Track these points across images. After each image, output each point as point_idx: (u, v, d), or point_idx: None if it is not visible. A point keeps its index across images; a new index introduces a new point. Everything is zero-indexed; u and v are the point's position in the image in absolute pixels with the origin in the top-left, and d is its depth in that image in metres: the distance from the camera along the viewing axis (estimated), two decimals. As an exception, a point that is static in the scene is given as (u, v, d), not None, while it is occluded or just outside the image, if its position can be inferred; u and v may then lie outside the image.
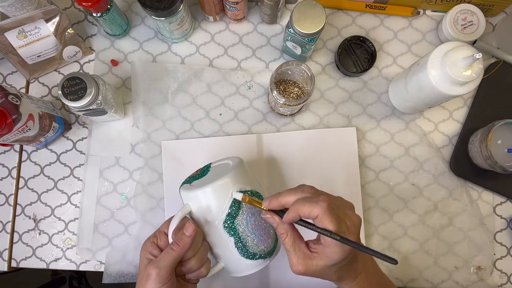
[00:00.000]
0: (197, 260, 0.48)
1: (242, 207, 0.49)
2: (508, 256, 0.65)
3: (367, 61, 0.67)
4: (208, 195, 0.48)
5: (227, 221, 0.48)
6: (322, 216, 0.40)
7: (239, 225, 0.49)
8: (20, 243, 0.65)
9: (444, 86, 0.52)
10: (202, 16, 0.69)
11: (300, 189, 0.45)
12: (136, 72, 0.68)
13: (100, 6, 0.58)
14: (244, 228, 0.49)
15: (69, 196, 0.66)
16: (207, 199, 0.48)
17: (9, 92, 0.54)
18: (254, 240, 0.49)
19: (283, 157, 0.65)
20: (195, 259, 0.48)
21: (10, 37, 0.61)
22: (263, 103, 0.68)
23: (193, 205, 0.49)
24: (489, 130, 0.60)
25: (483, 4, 0.65)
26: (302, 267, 0.43)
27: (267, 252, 0.50)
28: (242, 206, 0.49)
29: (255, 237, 0.49)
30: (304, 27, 0.56)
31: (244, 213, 0.49)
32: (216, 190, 0.48)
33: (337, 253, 0.41)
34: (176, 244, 0.46)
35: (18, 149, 0.67)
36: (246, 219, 0.49)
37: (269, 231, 0.51)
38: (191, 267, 0.48)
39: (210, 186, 0.48)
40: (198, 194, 0.49)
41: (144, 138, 0.67)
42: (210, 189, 0.48)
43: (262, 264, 0.51)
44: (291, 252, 0.43)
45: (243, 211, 0.49)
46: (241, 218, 0.49)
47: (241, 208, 0.49)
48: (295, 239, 0.44)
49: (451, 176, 0.66)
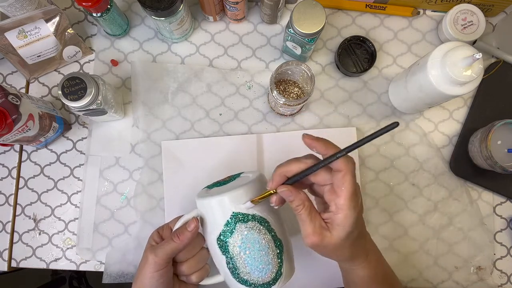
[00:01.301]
0: (189, 266, 0.50)
1: (237, 228, 0.46)
2: (508, 256, 0.65)
3: (367, 61, 0.67)
4: (210, 207, 0.48)
5: (220, 238, 0.47)
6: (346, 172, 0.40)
7: (232, 246, 0.47)
8: (20, 243, 0.65)
9: (444, 86, 0.52)
10: (202, 16, 0.69)
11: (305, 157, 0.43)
12: (136, 72, 0.68)
13: (100, 6, 0.58)
14: (237, 250, 0.47)
15: (69, 196, 0.66)
16: (210, 211, 0.48)
17: (9, 92, 0.54)
18: (246, 266, 0.47)
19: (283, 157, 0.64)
20: (186, 264, 0.50)
21: (10, 37, 0.61)
22: (263, 103, 0.68)
23: (200, 211, 0.49)
24: (489, 130, 0.60)
25: (483, 4, 0.65)
26: (317, 237, 0.41)
27: (261, 284, 0.47)
28: (238, 228, 0.46)
29: (247, 264, 0.47)
30: (304, 27, 0.56)
31: (240, 234, 0.46)
32: (216, 204, 0.47)
33: (349, 217, 0.40)
34: (176, 236, 0.48)
35: (18, 149, 0.67)
36: (240, 241, 0.46)
37: (267, 265, 0.47)
38: (182, 270, 0.50)
39: (212, 199, 0.47)
40: (203, 203, 0.49)
41: (144, 138, 0.67)
42: (211, 202, 0.48)
43: None
44: (307, 222, 0.42)
45: (238, 233, 0.46)
46: (235, 239, 0.47)
47: (237, 229, 0.46)
48: (311, 210, 0.42)
49: (451, 176, 0.66)
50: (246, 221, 0.46)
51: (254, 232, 0.46)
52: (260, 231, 0.47)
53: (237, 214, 0.46)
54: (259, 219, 0.47)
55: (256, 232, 0.46)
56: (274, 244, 0.47)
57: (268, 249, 0.47)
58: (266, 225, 0.47)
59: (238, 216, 0.46)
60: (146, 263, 0.48)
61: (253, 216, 0.47)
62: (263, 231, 0.47)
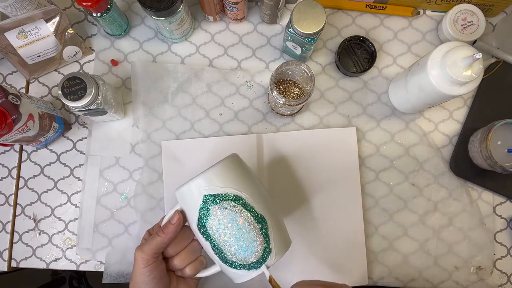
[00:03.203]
0: (180, 259, 0.50)
1: (211, 210, 0.46)
2: (508, 256, 0.65)
3: (367, 61, 0.67)
4: (185, 195, 0.48)
5: (199, 224, 0.47)
6: None
7: (211, 229, 0.46)
8: (20, 243, 0.65)
9: (444, 86, 0.52)
10: (202, 16, 0.69)
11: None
12: (136, 72, 0.68)
13: (100, 6, 0.58)
14: (217, 232, 0.46)
15: (69, 196, 0.66)
16: (187, 199, 0.48)
17: (9, 92, 0.54)
18: (230, 248, 0.46)
19: (283, 157, 0.65)
20: (177, 258, 0.50)
21: (10, 37, 0.61)
22: (263, 103, 0.68)
23: (180, 205, 0.50)
24: (489, 130, 0.60)
25: (483, 4, 0.65)
26: None
27: (250, 263, 0.46)
28: (211, 209, 0.46)
29: (230, 245, 0.46)
30: (304, 27, 0.56)
31: (215, 217, 0.45)
32: (186, 191, 0.47)
33: None
34: (161, 231, 0.49)
35: (18, 149, 0.67)
36: (218, 223, 0.46)
37: (250, 243, 0.46)
38: (174, 265, 0.50)
39: (184, 186, 0.47)
40: (179, 193, 0.49)
41: (144, 138, 0.67)
42: (184, 189, 0.47)
43: (249, 275, 0.47)
44: None
45: (214, 215, 0.46)
46: (212, 222, 0.46)
47: (211, 211, 0.46)
48: None
49: (451, 176, 0.66)
50: (219, 202, 0.46)
51: (229, 211, 0.45)
52: (235, 209, 0.46)
53: (208, 196, 0.46)
54: (232, 197, 0.46)
55: (231, 211, 0.45)
56: (255, 220, 0.46)
57: (248, 226, 0.46)
58: (241, 202, 0.46)
59: (210, 198, 0.46)
60: (135, 261, 0.49)
61: (226, 195, 0.46)
62: (238, 209, 0.46)
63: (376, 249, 0.65)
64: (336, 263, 0.63)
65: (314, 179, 0.65)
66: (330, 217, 0.64)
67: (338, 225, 0.64)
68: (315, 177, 0.65)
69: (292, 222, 0.64)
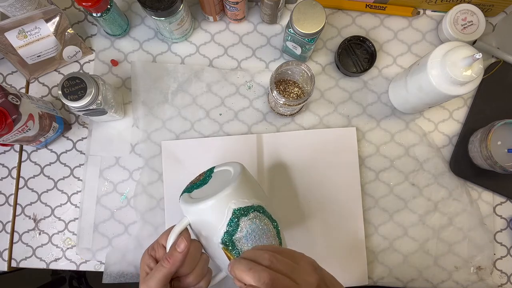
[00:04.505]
0: (196, 276, 0.47)
1: (241, 224, 0.46)
2: (508, 256, 0.65)
3: (367, 61, 0.67)
4: (205, 211, 0.47)
5: (225, 238, 0.46)
6: None
7: (239, 241, 0.47)
8: (20, 243, 0.65)
9: (444, 86, 0.52)
10: (202, 16, 0.69)
11: None
12: (136, 72, 0.68)
13: (100, 6, 0.58)
14: (244, 243, 0.47)
15: (69, 196, 0.66)
16: (205, 215, 0.47)
17: (9, 92, 0.54)
18: None
19: (283, 157, 0.65)
20: (193, 275, 0.47)
21: (10, 37, 0.61)
22: (263, 103, 0.68)
23: (191, 218, 0.48)
24: (489, 130, 0.60)
25: (483, 4, 0.65)
26: None
27: None
28: (241, 223, 0.46)
29: None
30: (304, 27, 0.56)
31: (243, 230, 0.46)
32: (213, 207, 0.46)
33: None
34: (167, 261, 0.45)
35: (18, 149, 0.67)
36: (246, 234, 0.46)
37: None
38: (190, 282, 0.47)
39: (206, 202, 0.47)
40: (195, 209, 0.47)
41: (144, 138, 0.67)
42: (207, 206, 0.47)
43: None
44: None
45: (242, 229, 0.46)
46: (240, 234, 0.46)
47: (240, 225, 0.46)
48: None
49: (451, 176, 0.66)
50: (247, 214, 0.47)
51: (256, 221, 0.47)
52: (261, 218, 0.48)
53: (239, 210, 0.46)
54: (257, 207, 0.48)
55: (258, 220, 0.47)
56: (272, 226, 0.49)
57: (269, 232, 0.48)
58: (263, 211, 0.48)
59: (239, 211, 0.46)
60: None
61: (252, 206, 0.47)
62: (262, 218, 0.48)
63: (376, 249, 0.65)
64: (336, 263, 0.63)
65: (314, 179, 0.65)
66: (330, 217, 0.64)
67: (338, 225, 0.64)
68: (315, 177, 0.65)
69: (292, 222, 0.64)
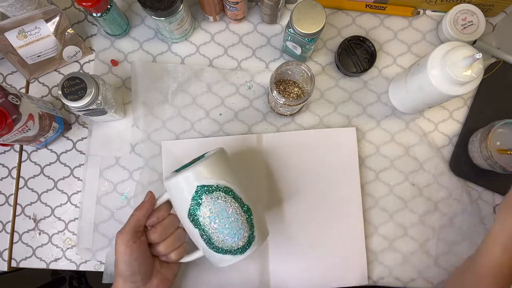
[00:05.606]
0: (166, 246, 0.52)
1: (204, 200, 0.49)
2: (508, 256, 0.65)
3: (367, 61, 0.67)
4: (177, 185, 0.50)
5: (190, 212, 0.50)
6: None
7: (202, 217, 0.49)
8: (20, 243, 0.65)
9: (444, 86, 0.52)
10: (202, 16, 0.69)
11: None
12: (136, 72, 0.68)
13: (100, 6, 0.58)
14: (207, 221, 0.49)
15: (69, 196, 0.66)
16: (178, 189, 0.50)
17: (9, 92, 0.54)
18: (219, 235, 0.49)
19: (283, 157, 0.65)
20: (163, 245, 0.52)
21: (10, 37, 0.61)
22: (263, 103, 0.68)
23: (170, 193, 0.52)
24: (489, 130, 0.60)
25: (483, 4, 0.65)
26: None
27: (236, 249, 0.50)
28: (204, 199, 0.49)
29: (219, 232, 0.49)
30: (304, 27, 0.56)
31: (207, 206, 0.49)
32: (179, 182, 0.50)
33: None
34: (136, 209, 0.51)
35: (18, 149, 0.67)
36: (210, 212, 0.49)
37: (238, 230, 0.50)
38: (160, 251, 0.52)
39: (177, 177, 0.50)
40: (170, 183, 0.51)
41: (144, 138, 0.67)
42: (177, 180, 0.50)
43: (233, 259, 0.50)
44: None
45: (206, 204, 0.49)
46: (203, 211, 0.49)
47: (203, 201, 0.49)
48: None
49: (451, 176, 0.66)
50: (211, 192, 0.49)
51: (221, 201, 0.49)
52: (226, 199, 0.49)
53: (202, 187, 0.49)
54: (223, 188, 0.49)
55: (222, 201, 0.49)
56: (242, 210, 0.50)
57: (237, 215, 0.50)
58: (231, 193, 0.50)
59: (203, 188, 0.49)
60: (116, 244, 0.50)
61: (217, 186, 0.49)
62: (228, 199, 0.49)
63: (376, 249, 0.65)
64: (336, 263, 0.63)
65: (313, 179, 0.65)
66: (330, 217, 0.64)
67: (338, 225, 0.64)
68: (315, 177, 0.65)
69: (292, 221, 0.64)
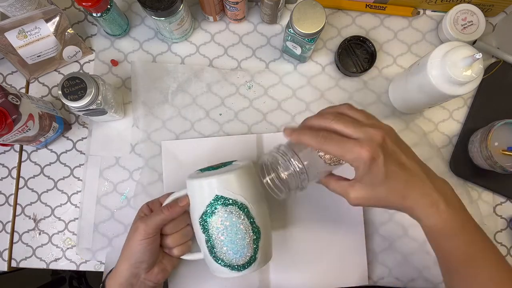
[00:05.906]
0: (173, 240, 0.54)
1: (218, 210, 0.49)
2: (508, 256, 0.65)
3: (367, 61, 0.67)
4: (198, 187, 0.51)
5: (202, 217, 0.51)
6: None
7: (212, 226, 0.50)
8: (20, 243, 0.65)
9: (444, 86, 0.52)
10: (202, 16, 0.69)
11: None
12: (136, 72, 0.68)
13: (100, 6, 0.58)
14: (216, 231, 0.50)
15: (69, 196, 0.66)
16: (198, 191, 0.51)
17: (9, 92, 0.54)
18: (223, 247, 0.50)
19: (283, 157, 0.65)
20: (171, 238, 0.54)
21: (10, 37, 0.61)
22: (263, 103, 0.68)
23: (189, 191, 0.53)
24: (489, 130, 0.60)
25: (483, 4, 0.65)
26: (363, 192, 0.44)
27: (235, 265, 0.50)
28: (218, 209, 0.49)
29: (224, 245, 0.50)
30: (304, 27, 0.56)
31: (219, 217, 0.50)
32: (202, 186, 0.51)
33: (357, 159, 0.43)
34: (167, 209, 0.52)
35: (18, 149, 0.67)
36: (220, 223, 0.50)
37: (242, 248, 0.50)
38: (167, 243, 0.54)
39: (201, 180, 0.50)
40: (193, 183, 0.52)
41: (144, 138, 0.67)
42: (200, 183, 0.51)
43: (229, 274, 0.51)
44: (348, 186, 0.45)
45: (219, 215, 0.49)
46: (215, 220, 0.50)
47: (218, 211, 0.50)
48: None
49: (451, 176, 0.66)
50: (227, 205, 0.49)
51: (233, 216, 0.50)
52: (239, 216, 0.50)
53: (220, 197, 0.49)
54: (239, 205, 0.50)
55: (235, 216, 0.49)
56: (252, 230, 0.50)
57: (245, 234, 0.50)
58: (245, 211, 0.50)
59: (220, 199, 0.49)
60: (136, 231, 0.51)
61: (235, 201, 0.50)
62: (242, 217, 0.50)
63: (376, 249, 0.65)
64: (336, 262, 0.63)
65: (314, 179, 0.65)
66: (330, 216, 0.64)
67: (338, 225, 0.64)
68: (315, 177, 0.65)
69: (292, 221, 0.64)
